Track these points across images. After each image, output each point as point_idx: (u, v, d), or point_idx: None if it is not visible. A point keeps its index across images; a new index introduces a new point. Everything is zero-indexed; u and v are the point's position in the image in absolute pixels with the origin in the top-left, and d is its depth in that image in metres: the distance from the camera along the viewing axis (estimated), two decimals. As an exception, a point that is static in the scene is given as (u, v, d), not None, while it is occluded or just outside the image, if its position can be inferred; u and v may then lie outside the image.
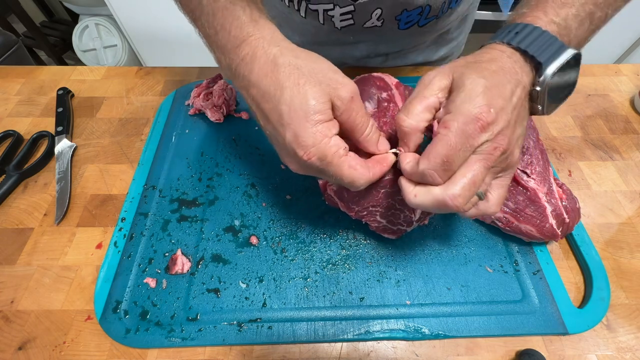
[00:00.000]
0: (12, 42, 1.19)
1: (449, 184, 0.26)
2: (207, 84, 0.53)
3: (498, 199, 0.30)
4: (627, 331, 0.35)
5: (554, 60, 0.27)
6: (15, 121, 0.54)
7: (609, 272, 0.38)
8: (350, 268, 0.39)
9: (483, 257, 0.39)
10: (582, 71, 0.60)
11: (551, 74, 0.27)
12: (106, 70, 0.61)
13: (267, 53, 0.28)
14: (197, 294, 0.37)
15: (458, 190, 0.26)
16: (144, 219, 0.42)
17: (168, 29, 1.40)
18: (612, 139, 0.51)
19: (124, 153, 0.50)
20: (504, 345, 0.34)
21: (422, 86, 0.29)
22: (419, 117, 0.28)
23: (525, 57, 0.28)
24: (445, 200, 0.26)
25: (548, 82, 0.27)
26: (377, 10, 0.49)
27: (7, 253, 0.40)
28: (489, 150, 0.26)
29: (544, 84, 0.27)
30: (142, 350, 0.34)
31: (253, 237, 0.41)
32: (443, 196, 0.26)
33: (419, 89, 0.29)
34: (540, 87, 0.28)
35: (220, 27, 0.30)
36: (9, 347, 0.34)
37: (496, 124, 0.26)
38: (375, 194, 0.35)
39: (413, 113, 0.28)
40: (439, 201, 0.26)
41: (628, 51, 1.42)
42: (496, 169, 0.28)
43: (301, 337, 0.35)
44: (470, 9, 0.60)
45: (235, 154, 0.49)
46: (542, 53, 0.27)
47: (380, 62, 0.61)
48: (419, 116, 0.28)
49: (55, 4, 1.91)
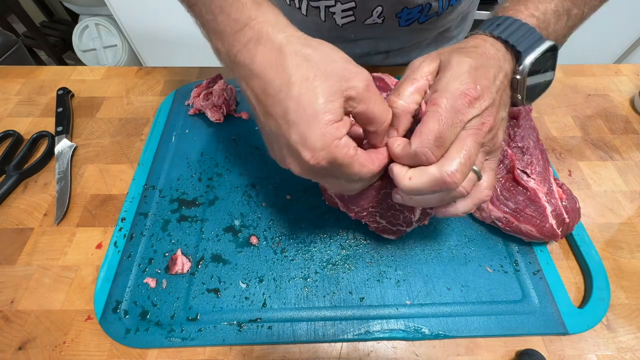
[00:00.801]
0: (12, 42, 1.19)
1: (444, 161, 0.25)
2: (207, 84, 0.53)
3: (489, 182, 0.30)
4: (627, 331, 0.35)
5: (532, 50, 0.29)
6: (15, 121, 0.54)
7: (609, 272, 0.38)
8: (350, 268, 0.39)
9: (483, 257, 0.39)
10: (582, 71, 0.60)
11: (529, 63, 0.29)
12: (106, 70, 0.61)
13: (272, 40, 0.25)
14: (197, 294, 0.37)
15: (455, 166, 0.25)
16: (144, 219, 0.42)
17: (168, 29, 1.40)
18: (612, 139, 0.51)
19: (124, 153, 0.50)
20: (504, 345, 0.34)
21: (411, 70, 0.30)
22: (410, 98, 0.28)
23: (507, 46, 0.30)
24: (443, 177, 0.25)
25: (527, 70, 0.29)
26: (378, 8, 0.49)
27: (7, 253, 0.40)
28: (478, 126, 0.26)
29: (524, 73, 0.29)
30: (142, 350, 0.34)
31: (253, 237, 0.41)
32: (440, 173, 0.25)
33: (408, 72, 0.30)
34: (520, 75, 0.29)
35: (219, 11, 0.27)
36: (9, 347, 0.34)
37: (483, 99, 0.26)
38: (375, 195, 0.35)
39: (404, 94, 0.28)
40: (437, 179, 0.25)
41: (628, 51, 1.42)
42: (486, 147, 0.28)
43: (301, 337, 0.35)
44: (470, 8, 0.61)
45: (235, 154, 0.49)
46: (521, 43, 0.29)
47: (381, 59, 0.61)
48: (409, 97, 0.28)
49: (55, 4, 1.91)
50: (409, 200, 0.30)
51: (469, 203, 0.29)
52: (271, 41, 0.25)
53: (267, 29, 0.26)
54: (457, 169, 0.25)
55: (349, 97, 0.25)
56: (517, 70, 0.30)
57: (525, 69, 0.29)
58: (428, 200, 0.29)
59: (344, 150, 0.25)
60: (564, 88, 0.58)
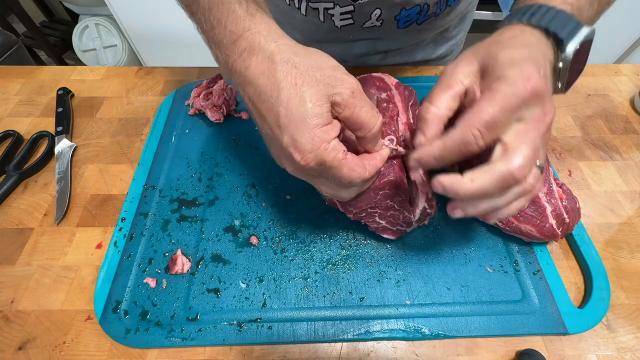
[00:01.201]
0: (12, 42, 1.19)
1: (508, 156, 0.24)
2: (207, 84, 0.53)
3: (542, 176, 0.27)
4: (627, 331, 0.35)
5: (573, 36, 0.27)
6: (15, 121, 0.54)
7: (609, 272, 0.38)
8: (350, 268, 0.39)
9: (483, 257, 0.39)
10: (582, 71, 0.60)
11: (573, 51, 0.27)
12: (106, 70, 0.61)
13: (264, 49, 0.27)
14: (197, 294, 0.37)
15: (522, 160, 0.23)
16: (144, 219, 0.42)
17: (168, 29, 1.40)
18: (612, 139, 0.51)
19: (124, 153, 0.50)
20: (504, 345, 0.34)
21: (445, 76, 0.29)
22: (444, 104, 0.27)
23: (546, 34, 0.28)
24: (512, 172, 0.23)
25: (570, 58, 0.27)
26: (376, 11, 0.49)
27: (7, 253, 0.40)
28: (540, 116, 0.25)
29: (567, 60, 0.27)
30: (142, 350, 0.34)
31: (253, 237, 0.41)
32: (508, 168, 0.23)
33: (441, 79, 0.29)
34: (563, 62, 0.28)
35: (216, 22, 0.29)
36: (9, 347, 0.34)
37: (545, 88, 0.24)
38: (374, 196, 0.35)
39: (437, 101, 0.28)
40: (504, 176, 0.24)
41: (628, 51, 1.42)
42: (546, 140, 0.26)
43: (301, 337, 0.35)
44: (469, 8, 0.61)
45: (235, 154, 0.49)
46: (562, 30, 0.27)
47: (380, 59, 0.61)
48: (443, 104, 0.27)
49: (55, 4, 1.91)
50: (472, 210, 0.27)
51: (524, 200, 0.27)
52: (263, 51, 0.27)
53: (259, 39, 0.27)
54: (524, 163, 0.23)
55: (334, 102, 0.26)
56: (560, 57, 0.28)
57: (568, 57, 0.27)
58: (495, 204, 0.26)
59: (333, 153, 0.26)
60: (564, 88, 0.58)
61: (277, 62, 0.26)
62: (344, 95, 0.26)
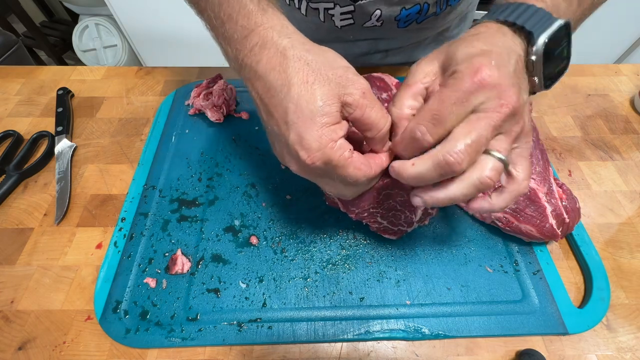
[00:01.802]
0: (12, 42, 1.19)
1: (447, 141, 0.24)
2: (207, 84, 0.53)
3: (525, 172, 0.27)
4: (627, 331, 0.35)
5: (544, 29, 0.27)
6: (15, 121, 0.54)
7: (609, 272, 0.38)
8: (350, 268, 0.39)
9: (483, 257, 0.39)
10: (582, 71, 0.60)
11: (543, 43, 0.27)
12: (106, 70, 0.61)
13: (277, 44, 0.26)
14: (197, 294, 0.37)
15: (457, 146, 0.24)
16: (144, 219, 0.42)
17: (168, 29, 1.40)
18: (612, 139, 0.51)
19: (124, 153, 0.50)
20: (504, 345, 0.34)
21: (407, 76, 0.29)
22: (404, 104, 0.28)
23: (515, 29, 0.28)
24: (445, 158, 0.24)
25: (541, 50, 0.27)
26: (377, 12, 0.49)
27: (7, 253, 0.40)
28: (495, 108, 0.24)
29: (538, 53, 0.27)
30: (142, 350, 0.34)
31: (253, 237, 0.41)
32: (443, 154, 0.24)
33: (405, 79, 0.30)
34: (536, 56, 0.27)
35: (227, 18, 0.28)
36: (9, 347, 0.34)
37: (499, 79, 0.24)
38: (376, 196, 0.35)
39: (398, 101, 0.28)
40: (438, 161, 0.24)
41: (628, 51, 1.42)
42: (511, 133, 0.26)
43: (301, 337, 0.35)
44: (470, 8, 0.61)
45: (235, 154, 0.49)
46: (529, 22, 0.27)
47: (380, 58, 0.61)
48: (404, 104, 0.28)
49: (55, 4, 1.91)
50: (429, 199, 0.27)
51: (505, 197, 0.28)
52: (276, 45, 0.26)
53: (272, 34, 0.27)
54: (462, 149, 0.24)
55: (345, 102, 0.26)
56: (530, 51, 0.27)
57: (539, 49, 0.27)
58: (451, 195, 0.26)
59: (339, 152, 0.26)
60: (564, 88, 0.58)
61: (289, 58, 0.26)
62: (355, 96, 0.26)
